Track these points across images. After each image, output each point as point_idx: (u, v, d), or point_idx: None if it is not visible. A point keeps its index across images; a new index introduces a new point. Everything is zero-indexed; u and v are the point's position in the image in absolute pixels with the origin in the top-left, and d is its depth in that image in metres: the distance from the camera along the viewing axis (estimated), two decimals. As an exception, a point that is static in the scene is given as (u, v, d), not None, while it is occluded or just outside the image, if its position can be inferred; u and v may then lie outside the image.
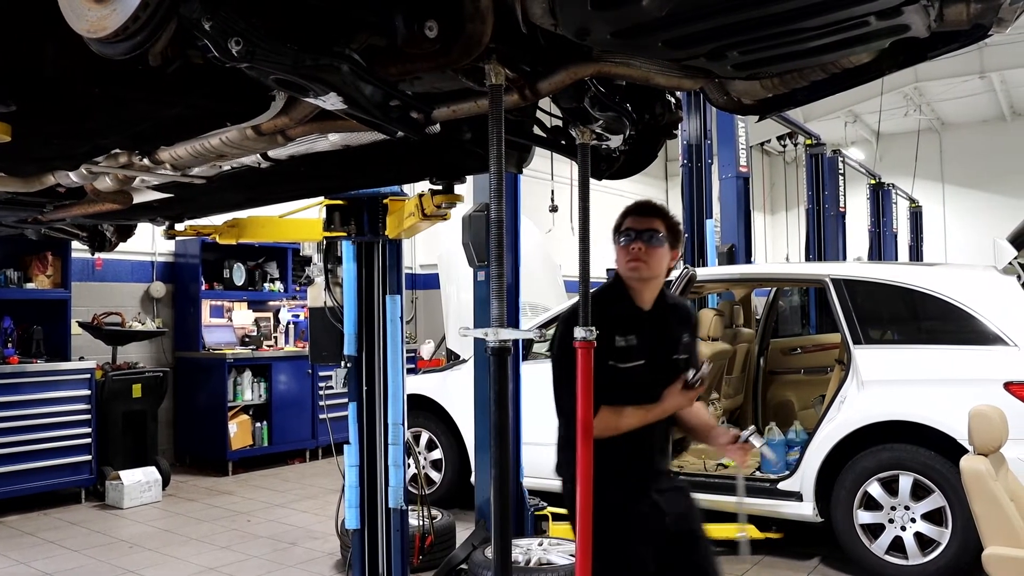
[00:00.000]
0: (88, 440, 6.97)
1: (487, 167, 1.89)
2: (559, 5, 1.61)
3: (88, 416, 7.00)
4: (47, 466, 6.71)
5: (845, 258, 10.94)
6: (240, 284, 8.87)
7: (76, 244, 5.46)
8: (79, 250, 6.77)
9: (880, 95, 11.53)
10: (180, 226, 3.98)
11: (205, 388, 8.25)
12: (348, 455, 3.89)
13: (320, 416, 8.55)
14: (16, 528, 6.22)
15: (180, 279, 8.61)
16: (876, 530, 4.82)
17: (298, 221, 4.43)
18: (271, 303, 9.24)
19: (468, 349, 6.39)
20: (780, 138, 11.82)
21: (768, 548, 5.24)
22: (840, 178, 11.19)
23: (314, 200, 4.12)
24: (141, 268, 8.39)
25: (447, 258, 7.44)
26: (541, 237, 8.39)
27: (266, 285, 9.12)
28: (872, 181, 13.54)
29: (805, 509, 5.03)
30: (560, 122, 2.57)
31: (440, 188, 3.43)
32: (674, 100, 2.58)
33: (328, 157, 2.58)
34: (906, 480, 4.73)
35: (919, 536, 4.69)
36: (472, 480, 5.77)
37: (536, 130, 2.69)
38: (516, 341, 4.89)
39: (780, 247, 16.61)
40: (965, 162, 16.88)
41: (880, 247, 13.43)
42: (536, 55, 1.95)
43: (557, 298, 7.91)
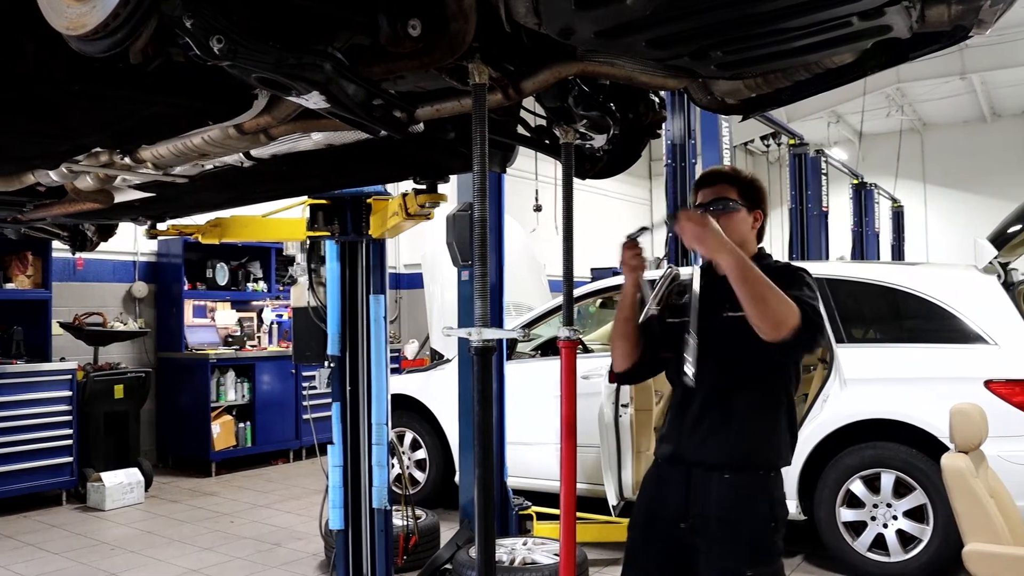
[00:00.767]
0: (69, 442, 6.89)
1: (471, 166, 1.89)
2: (543, 4, 1.60)
3: (69, 417, 6.93)
4: (28, 468, 6.64)
5: (828, 257, 10.98)
6: (223, 284, 8.80)
7: (57, 244, 5.39)
8: (60, 250, 6.70)
9: (863, 95, 11.60)
10: (162, 226, 3.94)
11: (188, 388, 8.19)
12: (332, 455, 3.87)
13: (304, 416, 8.52)
14: (-4, 531, 6.17)
15: (162, 279, 8.54)
16: (859, 527, 4.85)
17: (281, 221, 4.40)
18: (254, 303, 9.20)
19: (452, 349, 6.38)
20: (764, 138, 11.88)
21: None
22: (823, 178, 11.22)
23: (297, 199, 4.10)
24: (123, 268, 8.32)
25: (431, 258, 7.41)
26: (525, 237, 8.38)
27: (249, 285, 9.06)
28: (855, 181, 13.61)
29: (788, 507, 5.04)
30: (544, 121, 2.57)
31: (424, 187, 3.42)
32: (658, 100, 2.59)
33: (311, 156, 2.57)
34: (888, 478, 4.76)
35: (901, 533, 4.72)
36: (456, 480, 5.76)
37: (520, 129, 2.69)
38: (500, 341, 4.89)
39: (764, 246, 16.64)
40: (946, 162, 17.01)
41: (863, 246, 13.50)
42: (520, 54, 1.95)
43: (541, 298, 7.89)
